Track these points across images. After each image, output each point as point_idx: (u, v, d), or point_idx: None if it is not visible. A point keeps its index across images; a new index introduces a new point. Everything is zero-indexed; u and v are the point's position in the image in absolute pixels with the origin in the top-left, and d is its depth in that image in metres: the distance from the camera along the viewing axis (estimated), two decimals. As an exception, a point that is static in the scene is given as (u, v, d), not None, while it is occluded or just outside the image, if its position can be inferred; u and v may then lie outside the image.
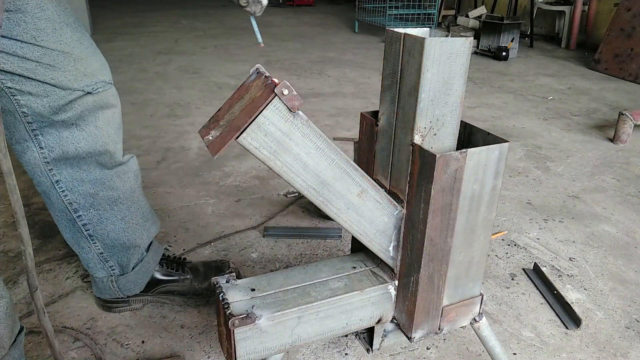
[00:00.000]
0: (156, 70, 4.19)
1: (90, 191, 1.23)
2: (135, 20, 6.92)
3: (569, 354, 1.32)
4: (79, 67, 1.10)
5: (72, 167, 1.19)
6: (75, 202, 1.23)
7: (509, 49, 4.97)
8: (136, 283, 1.38)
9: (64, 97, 1.10)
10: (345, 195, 0.88)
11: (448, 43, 0.83)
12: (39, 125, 1.12)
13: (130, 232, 1.31)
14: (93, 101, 1.16)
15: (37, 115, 1.10)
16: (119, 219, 1.29)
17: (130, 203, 1.30)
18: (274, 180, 2.24)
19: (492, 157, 0.90)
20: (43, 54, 1.04)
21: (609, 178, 2.40)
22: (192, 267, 1.48)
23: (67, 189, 1.21)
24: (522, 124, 3.15)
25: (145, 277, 1.39)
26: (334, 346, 1.31)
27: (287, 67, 4.46)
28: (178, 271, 1.45)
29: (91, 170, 1.21)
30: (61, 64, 1.07)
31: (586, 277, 1.65)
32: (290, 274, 1.02)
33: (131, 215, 1.31)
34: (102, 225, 1.27)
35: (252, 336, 0.90)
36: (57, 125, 1.13)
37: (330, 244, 1.77)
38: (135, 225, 1.32)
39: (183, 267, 1.47)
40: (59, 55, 1.06)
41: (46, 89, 1.08)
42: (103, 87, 1.17)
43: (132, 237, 1.32)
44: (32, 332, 1.32)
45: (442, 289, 0.99)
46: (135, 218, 1.32)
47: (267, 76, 0.77)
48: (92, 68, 1.13)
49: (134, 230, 1.32)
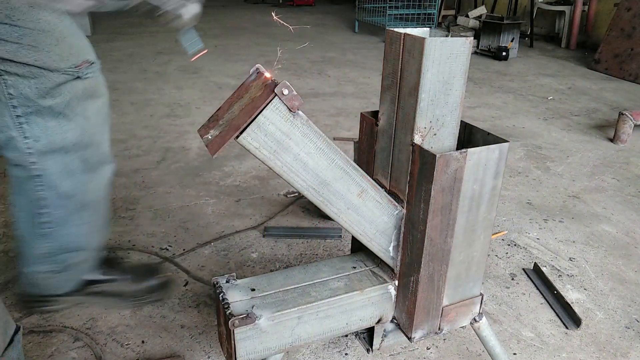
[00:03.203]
0: (156, 70, 4.19)
1: (68, 192, 1.19)
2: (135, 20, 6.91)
3: (569, 354, 1.32)
4: (63, 46, 1.06)
5: (56, 163, 1.15)
6: (48, 199, 1.18)
7: (509, 49, 4.97)
8: (72, 281, 1.33)
9: (52, 79, 1.06)
10: (345, 195, 0.88)
11: (448, 43, 0.83)
12: (25, 112, 1.07)
13: (89, 237, 1.29)
14: (83, 88, 1.12)
15: (23, 98, 1.06)
16: (84, 222, 1.25)
17: (97, 208, 1.28)
18: (274, 180, 2.24)
19: (492, 157, 0.90)
20: (22, 35, 0.99)
21: (609, 178, 2.40)
22: (127, 268, 1.44)
23: (46, 185, 1.16)
24: (522, 124, 3.15)
25: (81, 274, 1.34)
26: (334, 346, 1.31)
27: (287, 67, 4.46)
28: (112, 271, 1.41)
29: (75, 171, 1.18)
30: (43, 44, 1.02)
31: (586, 277, 1.65)
32: (290, 274, 1.02)
33: (95, 221, 1.28)
34: (65, 227, 1.23)
35: (252, 336, 0.90)
36: (44, 113, 1.09)
37: (330, 244, 1.77)
38: (95, 231, 1.30)
39: (117, 268, 1.43)
40: (39, 35, 1.01)
41: (32, 71, 1.03)
42: (92, 72, 1.13)
43: (88, 242, 1.29)
44: (32, 332, 1.31)
45: (442, 289, 0.98)
46: (97, 224, 1.30)
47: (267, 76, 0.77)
48: (76, 47, 1.09)
49: (92, 236, 1.30)
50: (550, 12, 5.97)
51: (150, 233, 1.80)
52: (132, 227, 1.83)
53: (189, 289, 1.51)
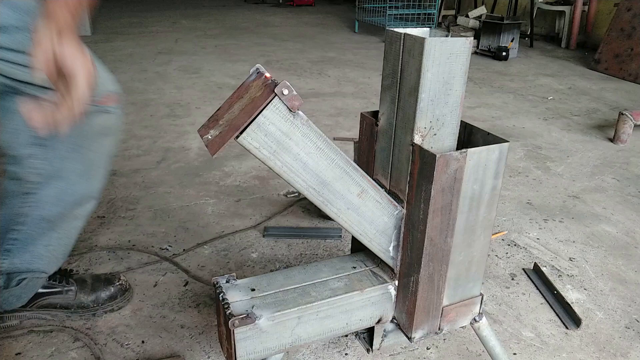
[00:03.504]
0: (156, 70, 4.19)
1: (50, 217, 1.18)
2: (135, 20, 6.91)
3: (569, 354, 1.32)
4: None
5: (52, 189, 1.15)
6: (29, 217, 1.17)
7: (509, 49, 4.97)
8: (20, 297, 1.29)
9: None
10: (345, 195, 0.88)
11: (448, 43, 0.83)
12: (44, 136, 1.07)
13: (46, 262, 1.26)
14: (102, 124, 1.13)
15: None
16: (49, 245, 1.24)
17: (67, 236, 1.27)
18: (274, 180, 2.24)
19: (492, 157, 0.90)
20: None
21: (609, 178, 2.40)
22: (78, 279, 1.40)
23: (34, 205, 1.15)
24: (522, 124, 3.15)
25: (32, 292, 1.30)
26: (334, 346, 1.31)
27: (287, 67, 4.46)
28: (61, 282, 1.36)
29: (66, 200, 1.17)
30: None
31: (586, 277, 1.65)
32: (290, 274, 1.02)
33: (57, 248, 1.26)
34: (29, 246, 1.21)
35: (252, 336, 0.90)
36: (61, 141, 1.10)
37: (330, 244, 1.77)
38: (55, 258, 1.27)
39: (67, 279, 1.38)
40: None
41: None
42: (114, 109, 1.14)
43: (45, 266, 1.27)
44: (32, 332, 1.32)
45: (442, 289, 0.98)
46: (59, 252, 1.28)
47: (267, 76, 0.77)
48: (100, 78, 1.09)
49: (50, 262, 1.27)
50: (550, 12, 5.97)
51: (150, 233, 1.80)
52: (132, 227, 1.83)
53: (189, 289, 1.51)
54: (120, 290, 1.41)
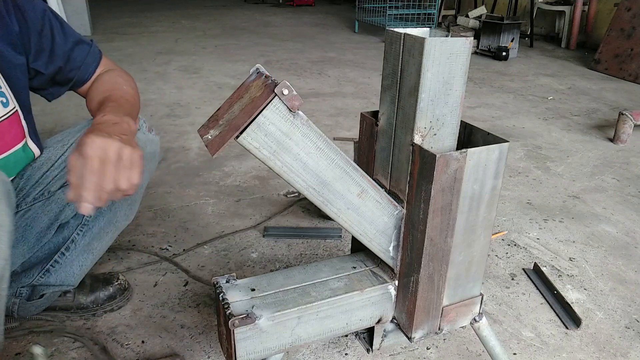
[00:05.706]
0: (156, 70, 4.19)
1: (94, 245, 1.31)
2: (135, 20, 6.92)
3: (569, 354, 1.32)
4: None
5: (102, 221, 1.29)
6: (74, 244, 1.28)
7: (509, 49, 4.97)
8: (39, 307, 1.33)
9: None
10: (345, 195, 0.88)
11: (448, 43, 0.83)
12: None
13: (77, 278, 1.34)
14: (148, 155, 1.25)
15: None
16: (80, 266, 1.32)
17: (98, 257, 1.37)
18: (274, 180, 2.24)
19: (492, 157, 0.90)
20: None
21: (609, 178, 2.40)
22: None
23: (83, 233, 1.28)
24: (522, 124, 3.15)
25: (51, 301, 1.34)
26: (334, 346, 1.31)
27: (287, 67, 4.46)
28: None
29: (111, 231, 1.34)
30: None
31: (586, 277, 1.65)
32: (290, 274, 1.02)
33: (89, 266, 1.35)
34: (67, 268, 1.30)
35: (252, 336, 0.90)
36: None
37: (330, 244, 1.77)
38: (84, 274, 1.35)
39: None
40: None
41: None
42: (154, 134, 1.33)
43: (75, 281, 1.34)
44: (32, 332, 1.32)
45: (442, 289, 0.98)
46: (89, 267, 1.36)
47: (267, 76, 0.77)
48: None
49: (79, 277, 1.34)
50: (550, 12, 5.97)
51: (150, 233, 1.80)
52: (132, 227, 1.83)
53: (189, 289, 1.51)
54: (119, 289, 1.41)
